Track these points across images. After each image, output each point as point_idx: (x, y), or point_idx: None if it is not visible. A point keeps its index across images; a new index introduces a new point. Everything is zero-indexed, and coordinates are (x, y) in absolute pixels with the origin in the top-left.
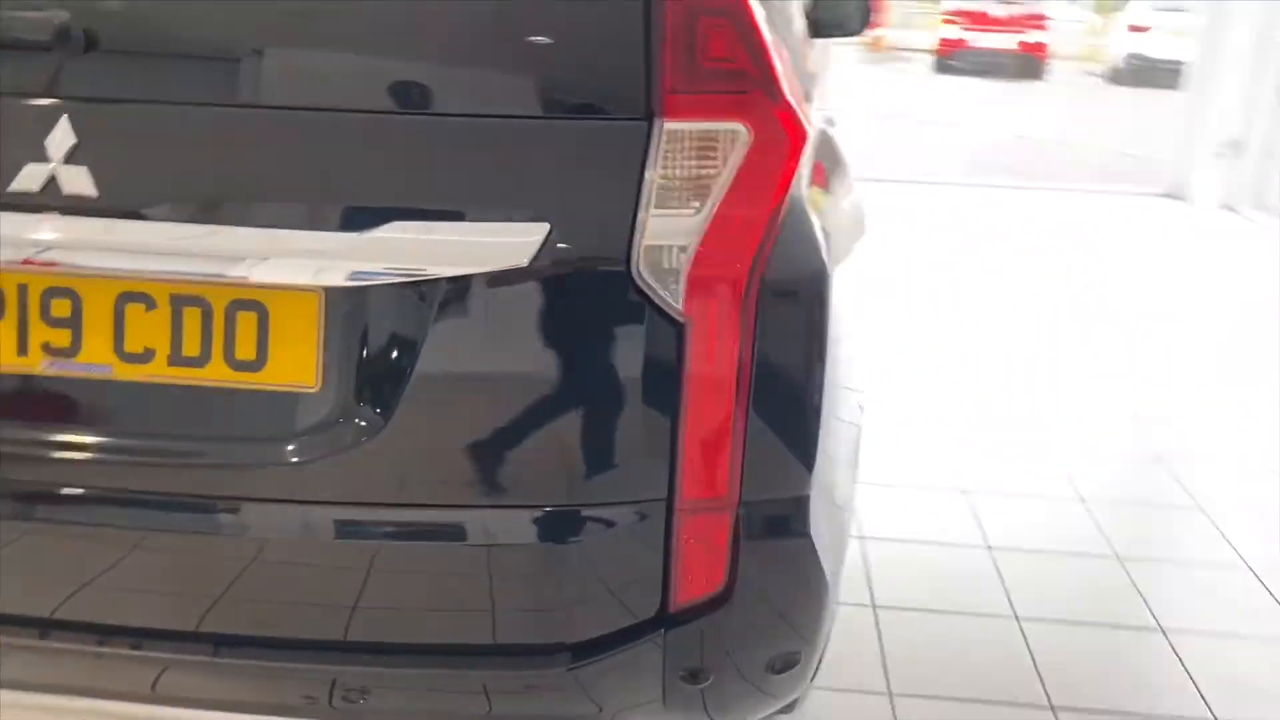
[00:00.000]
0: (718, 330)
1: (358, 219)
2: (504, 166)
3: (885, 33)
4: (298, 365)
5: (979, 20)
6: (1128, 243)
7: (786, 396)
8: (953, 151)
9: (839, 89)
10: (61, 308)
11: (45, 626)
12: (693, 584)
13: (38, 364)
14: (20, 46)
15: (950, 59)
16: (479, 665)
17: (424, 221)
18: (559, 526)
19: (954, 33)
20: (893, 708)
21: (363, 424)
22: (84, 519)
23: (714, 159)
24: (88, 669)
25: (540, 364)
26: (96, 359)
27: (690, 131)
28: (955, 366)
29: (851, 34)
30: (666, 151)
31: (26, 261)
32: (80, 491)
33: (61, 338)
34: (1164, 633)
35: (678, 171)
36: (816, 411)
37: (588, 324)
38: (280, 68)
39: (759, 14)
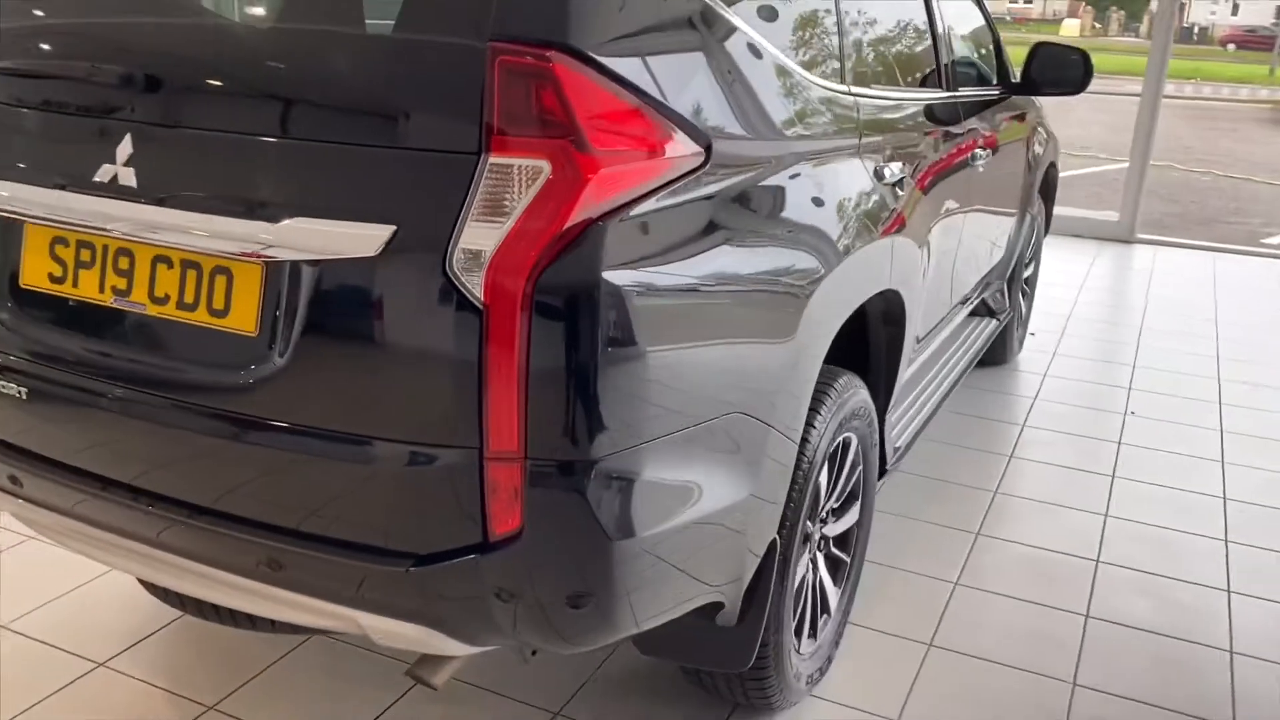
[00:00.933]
0: (506, 318)
1: (276, 214)
2: (371, 182)
3: None
4: (245, 316)
5: None
6: None
7: (561, 378)
8: None
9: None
10: (124, 262)
11: (70, 473)
12: (500, 520)
13: (109, 299)
14: (107, 85)
15: None
16: (349, 554)
17: (313, 218)
18: (400, 458)
19: None
20: None
21: (272, 364)
22: (109, 404)
23: (520, 187)
24: (90, 504)
25: (384, 332)
26: (138, 299)
27: (506, 165)
28: None
29: (1071, 91)
30: (487, 178)
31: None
32: (114, 385)
33: (122, 283)
34: None
35: (492, 194)
36: (591, 395)
37: (419, 304)
38: (240, 112)
39: (599, 81)
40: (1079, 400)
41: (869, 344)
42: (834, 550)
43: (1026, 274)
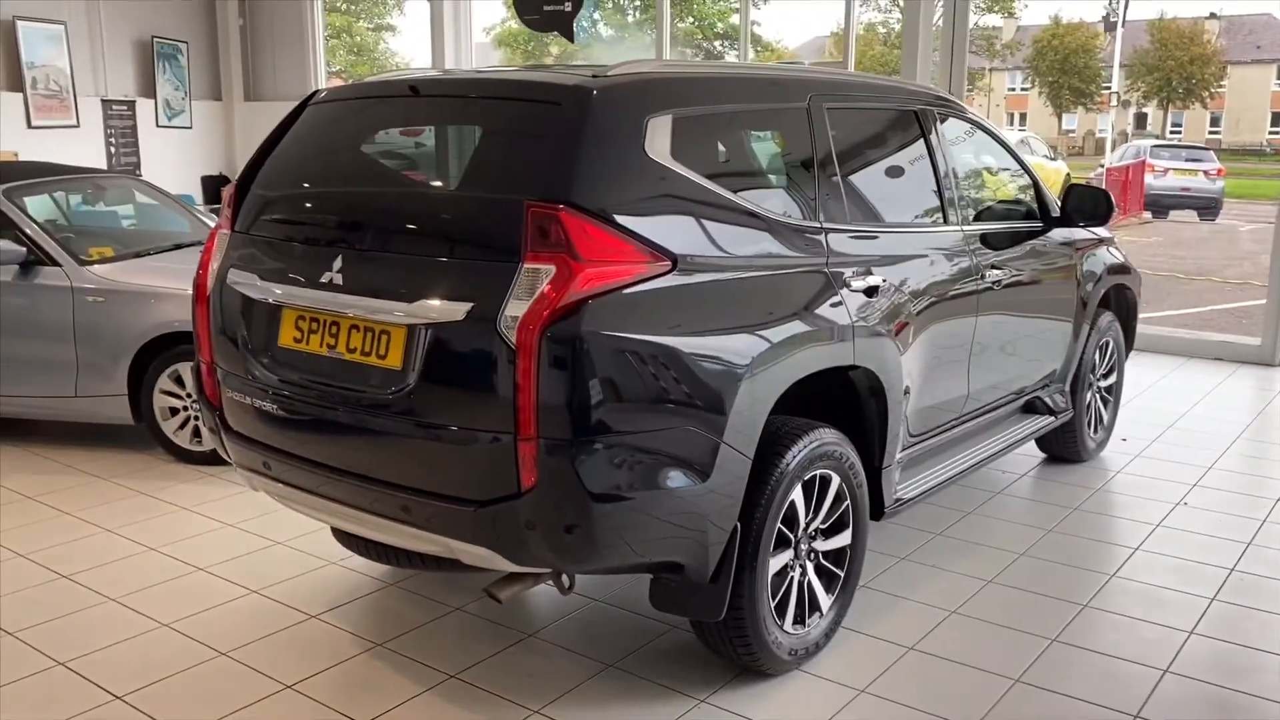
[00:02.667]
0: (527, 355)
1: (411, 297)
2: (459, 280)
3: None
4: (396, 358)
5: None
6: None
7: (556, 390)
8: None
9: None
10: (334, 329)
11: (296, 458)
12: (526, 477)
13: (324, 350)
14: (330, 226)
15: None
16: (445, 501)
17: (431, 300)
18: (473, 439)
19: None
20: None
21: (406, 386)
22: (318, 412)
23: (539, 280)
24: (306, 477)
25: (465, 365)
26: (340, 350)
27: (532, 268)
28: None
29: (1098, 223)
30: (521, 275)
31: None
32: (322, 401)
33: (331, 341)
34: None
35: (523, 284)
36: (573, 401)
37: (484, 348)
38: (396, 240)
39: (588, 221)
40: (1140, 492)
41: (863, 411)
42: (825, 563)
43: (1107, 383)
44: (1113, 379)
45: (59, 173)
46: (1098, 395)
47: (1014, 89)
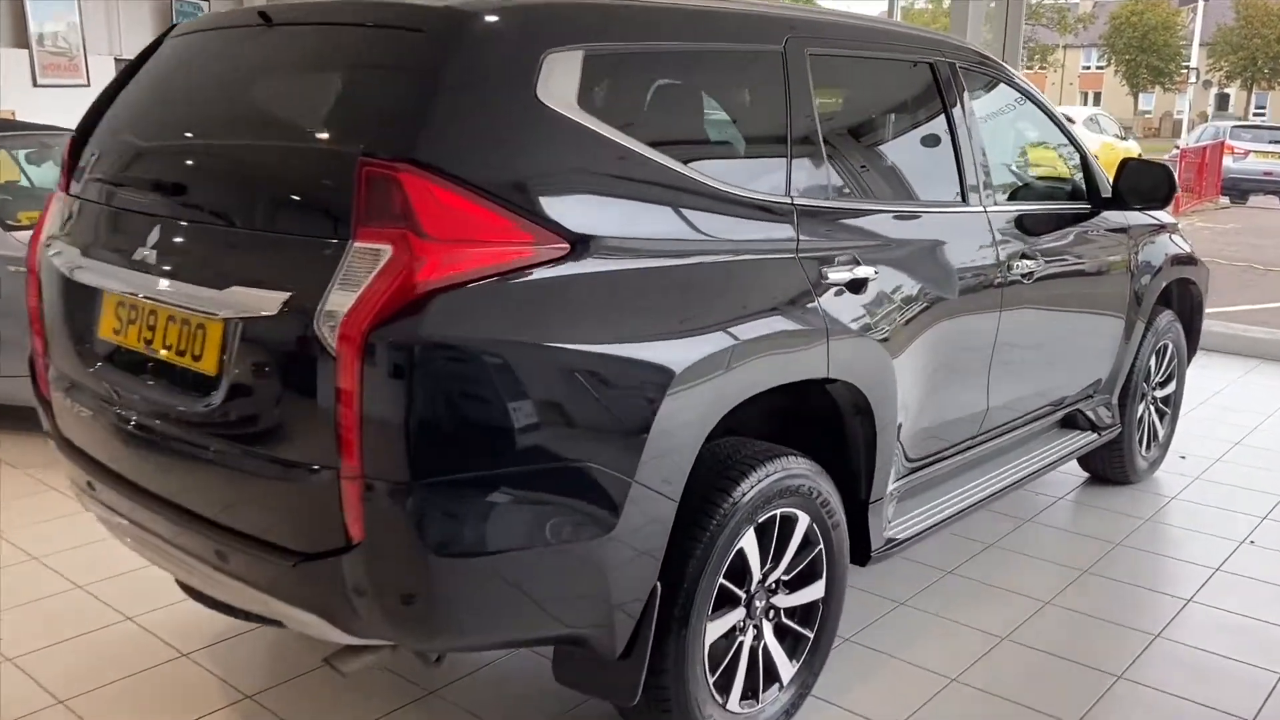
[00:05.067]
0: (349, 366)
1: (223, 282)
2: (277, 261)
3: None
4: (211, 361)
5: None
6: None
7: (387, 414)
8: None
9: None
10: (151, 319)
11: (118, 478)
12: (353, 528)
13: (141, 346)
14: (151, 189)
15: None
16: (262, 549)
17: (243, 286)
18: (290, 472)
19: None
20: None
21: (216, 396)
22: (137, 423)
23: (370, 265)
24: (126, 504)
25: (276, 374)
26: (156, 347)
27: (364, 247)
28: None
29: (1157, 205)
30: (350, 258)
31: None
32: (140, 411)
33: (149, 335)
34: None
35: (352, 270)
36: (410, 429)
37: (300, 353)
38: (208, 207)
39: (442, 185)
40: (1198, 525)
41: (846, 435)
42: (788, 622)
43: (1164, 393)
44: (1171, 388)
45: (8, 129)
46: (1152, 407)
47: (1088, 66)
